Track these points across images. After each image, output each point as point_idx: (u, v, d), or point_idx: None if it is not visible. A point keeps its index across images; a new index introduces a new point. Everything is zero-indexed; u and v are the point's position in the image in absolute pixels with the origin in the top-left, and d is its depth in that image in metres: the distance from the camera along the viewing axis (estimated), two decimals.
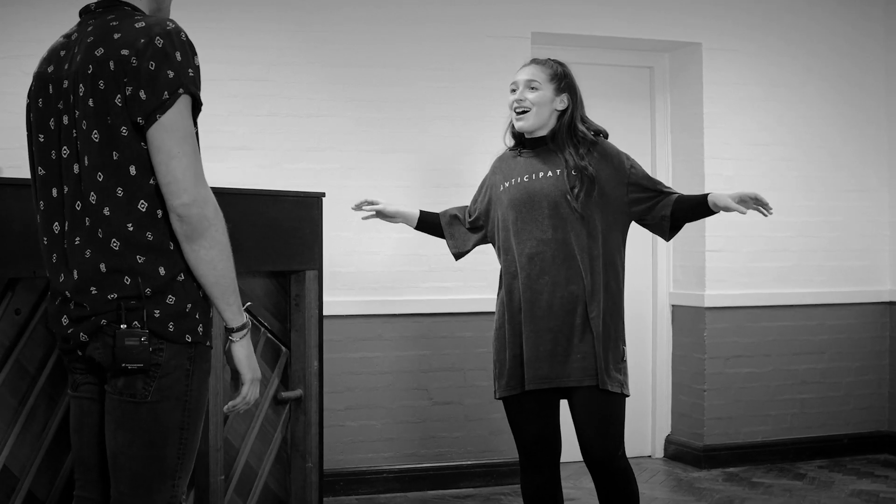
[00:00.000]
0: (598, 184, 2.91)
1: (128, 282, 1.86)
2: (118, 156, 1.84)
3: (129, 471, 1.90)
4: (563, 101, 2.99)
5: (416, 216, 3.32)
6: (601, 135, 3.02)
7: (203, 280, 1.90)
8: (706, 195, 2.95)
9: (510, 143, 3.13)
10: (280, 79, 4.39)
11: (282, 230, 3.27)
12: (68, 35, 1.96)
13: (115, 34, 1.85)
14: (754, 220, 4.41)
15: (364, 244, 4.46)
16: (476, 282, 4.56)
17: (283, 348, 3.38)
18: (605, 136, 3.04)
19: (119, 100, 1.82)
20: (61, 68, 1.92)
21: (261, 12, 4.40)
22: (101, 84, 1.83)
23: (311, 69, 4.44)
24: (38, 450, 2.68)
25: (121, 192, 1.85)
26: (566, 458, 3.21)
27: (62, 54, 1.93)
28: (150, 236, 1.87)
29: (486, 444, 4.61)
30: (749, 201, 2.87)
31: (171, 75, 1.82)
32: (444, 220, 3.30)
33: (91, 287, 1.87)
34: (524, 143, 3.06)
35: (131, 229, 1.86)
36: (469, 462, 4.59)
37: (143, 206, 1.86)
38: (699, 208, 2.97)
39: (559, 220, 2.90)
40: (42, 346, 2.68)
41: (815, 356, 5.10)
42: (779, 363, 5.03)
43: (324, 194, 3.46)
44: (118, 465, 1.91)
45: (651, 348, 5.18)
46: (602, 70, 5.11)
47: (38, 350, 2.67)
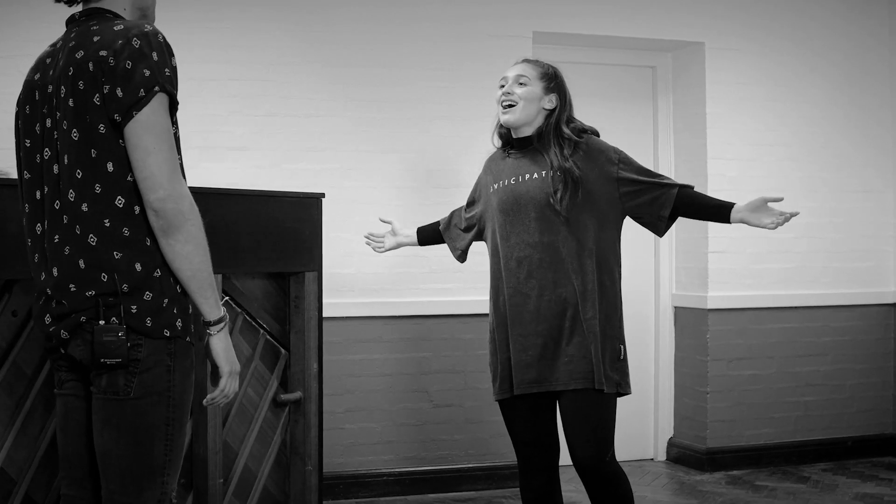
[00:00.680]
0: (584, 184, 2.87)
1: (105, 279, 1.90)
2: (96, 153, 1.89)
3: (118, 469, 1.93)
4: (551, 101, 2.97)
5: (415, 236, 3.45)
6: (587, 132, 2.97)
7: (179, 274, 1.94)
8: (728, 207, 2.88)
9: (497, 143, 3.13)
10: (279, 79, 4.39)
11: (281, 231, 3.26)
12: (54, 44, 2.03)
13: (95, 37, 1.91)
14: None
15: (364, 245, 4.41)
16: (477, 283, 4.55)
17: (283, 350, 3.37)
18: (596, 134, 3.00)
19: (97, 98, 1.88)
20: (46, 75, 1.98)
21: (260, 12, 4.39)
22: (81, 84, 1.89)
23: (310, 69, 4.43)
24: (35, 452, 2.68)
25: (99, 189, 1.90)
26: (566, 461, 3.18)
27: (48, 62, 2.00)
28: (126, 232, 1.91)
29: (487, 446, 4.60)
30: (775, 213, 2.84)
31: (147, 74, 1.87)
32: (442, 226, 3.36)
33: (70, 284, 1.92)
34: (512, 144, 3.05)
35: (108, 225, 1.90)
36: (470, 465, 4.58)
37: (120, 201, 1.90)
38: (713, 216, 2.94)
39: (546, 223, 2.87)
40: (39, 347, 2.68)
41: (819, 358, 5.09)
42: (782, 365, 5.02)
43: (323, 195, 3.45)
44: (107, 463, 1.94)
45: (653, 350, 5.16)
46: (604, 70, 5.09)
47: (35, 352, 2.68)
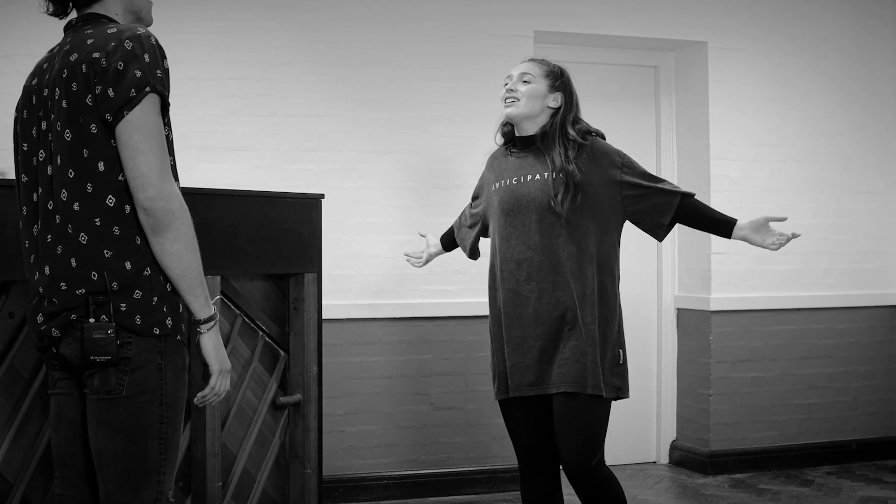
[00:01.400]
0: (586, 187, 2.85)
1: (95, 277, 1.93)
2: (88, 153, 1.92)
3: (114, 468, 1.95)
4: (556, 100, 2.95)
5: (440, 244, 3.47)
6: (592, 134, 2.95)
7: (169, 272, 1.97)
8: (731, 223, 2.90)
9: (499, 141, 3.11)
10: (279, 78, 4.37)
11: (280, 232, 3.27)
12: (52, 49, 2.07)
13: (89, 40, 1.96)
14: None
15: (364, 246, 4.45)
16: (477, 285, 4.51)
17: (282, 352, 3.37)
18: (601, 136, 2.98)
19: (90, 99, 1.92)
20: (43, 79, 2.02)
21: (259, 11, 4.38)
22: (74, 86, 1.93)
23: (310, 69, 4.42)
24: (32, 455, 2.68)
25: (90, 188, 1.93)
26: None
27: (44, 67, 2.04)
28: (116, 230, 1.94)
29: (488, 449, 4.59)
30: (776, 233, 2.87)
31: (138, 74, 1.90)
32: (455, 227, 3.37)
33: (61, 283, 1.95)
34: (515, 143, 3.02)
35: (99, 223, 1.93)
36: (471, 468, 4.57)
37: (111, 200, 1.93)
38: (714, 229, 2.95)
39: (546, 225, 2.85)
40: (36, 349, 2.64)
41: (823, 360, 5.08)
42: (786, 367, 5.01)
43: (323, 195, 3.45)
44: (102, 463, 1.96)
45: (656, 352, 5.14)
46: (606, 69, 5.07)
47: (33, 354, 2.68)
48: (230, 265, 3.10)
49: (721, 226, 2.92)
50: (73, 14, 2.09)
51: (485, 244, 3.31)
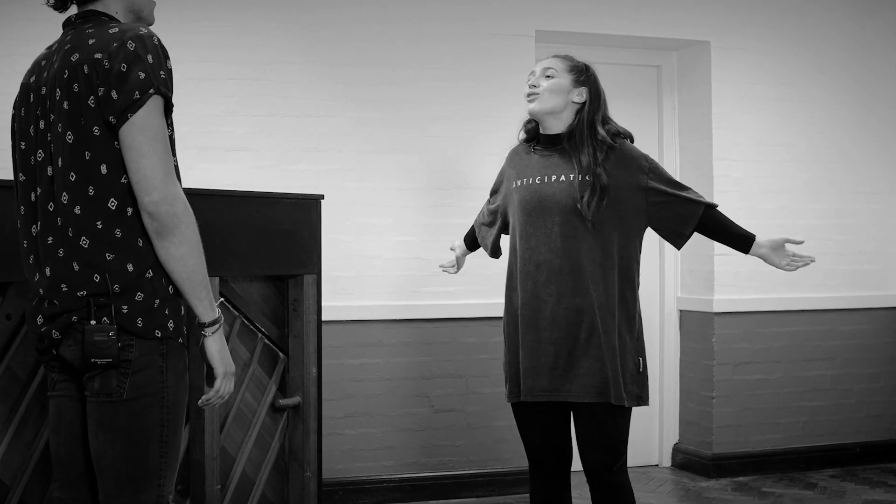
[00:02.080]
0: (612, 192, 2.80)
1: (97, 279, 1.92)
2: (90, 155, 1.91)
3: (114, 471, 1.94)
4: (581, 95, 2.89)
5: (464, 246, 3.41)
6: (621, 136, 2.91)
7: (174, 276, 1.96)
8: (750, 239, 2.90)
9: (522, 137, 3.03)
10: (278, 78, 4.36)
11: (279, 233, 3.26)
12: (50, 47, 2.06)
13: (91, 40, 1.94)
14: (763, 223, 4.39)
15: (364, 247, 4.44)
16: (478, 286, 4.53)
17: (281, 354, 3.37)
18: (630, 138, 2.94)
19: (92, 101, 1.90)
20: (41, 77, 2.00)
21: (259, 11, 4.37)
22: (76, 87, 1.91)
23: (310, 68, 4.41)
24: (29, 458, 2.67)
25: (92, 191, 1.92)
26: (574, 468, 3.14)
27: (43, 64, 2.02)
28: (118, 233, 1.93)
29: (489, 452, 4.57)
30: (789, 255, 2.88)
31: (142, 76, 1.89)
32: (476, 228, 3.31)
33: (62, 284, 1.94)
34: (538, 140, 2.96)
35: (100, 227, 1.92)
36: (472, 471, 4.55)
37: (112, 203, 1.92)
38: (732, 242, 2.94)
39: (570, 228, 2.80)
40: (34, 351, 2.66)
41: (827, 362, 5.07)
42: (789, 370, 5.00)
43: (323, 196, 3.44)
44: (102, 467, 1.96)
45: (658, 354, 5.12)
46: (608, 69, 5.01)
47: (30, 356, 2.67)
48: (229, 266, 3.10)
49: (740, 241, 2.91)
50: (73, 11, 2.06)
51: (480, 251, 3.29)
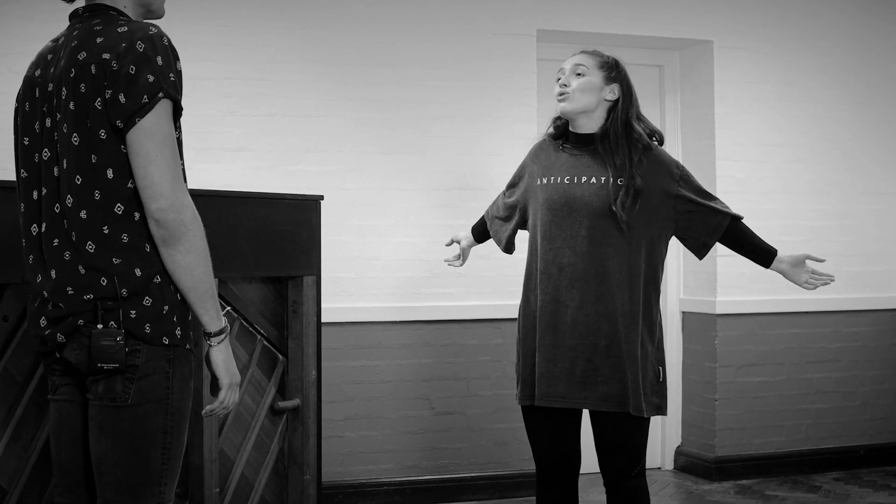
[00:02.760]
0: (644, 196, 2.75)
1: (104, 283, 1.89)
2: (96, 159, 1.88)
3: (114, 477, 1.92)
4: (613, 92, 2.83)
5: (472, 237, 3.30)
6: (655, 137, 2.86)
7: (180, 284, 1.93)
8: (772, 253, 2.89)
9: (550, 132, 2.95)
10: (278, 78, 4.34)
11: (279, 234, 3.26)
12: (56, 39, 2.01)
13: (98, 38, 1.89)
14: (766, 224, 4.38)
15: (364, 249, 4.43)
16: (479, 288, 4.52)
17: (280, 356, 3.36)
18: (661, 140, 2.90)
19: (99, 103, 1.86)
20: (47, 72, 1.96)
21: (258, 10, 4.35)
22: (83, 87, 1.87)
23: (309, 68, 4.39)
24: (26, 461, 2.67)
25: (98, 196, 1.88)
26: (586, 470, 3.15)
27: (49, 58, 1.98)
28: (125, 238, 1.90)
29: (491, 455, 4.56)
30: (816, 275, 2.87)
31: (151, 79, 1.85)
32: (487, 217, 3.21)
33: (68, 287, 1.90)
34: (568, 138, 2.89)
35: (107, 232, 1.89)
36: (473, 474, 4.54)
37: (119, 209, 1.89)
38: (753, 256, 2.92)
39: (598, 232, 2.73)
40: (31, 353, 2.68)
41: (830, 364, 5.05)
42: (792, 372, 4.98)
43: (322, 197, 3.44)
44: (103, 471, 1.93)
45: None
46: None
47: (27, 358, 2.67)
48: (228, 268, 3.08)
49: (762, 255, 2.90)
50: (81, 3, 2.02)
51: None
